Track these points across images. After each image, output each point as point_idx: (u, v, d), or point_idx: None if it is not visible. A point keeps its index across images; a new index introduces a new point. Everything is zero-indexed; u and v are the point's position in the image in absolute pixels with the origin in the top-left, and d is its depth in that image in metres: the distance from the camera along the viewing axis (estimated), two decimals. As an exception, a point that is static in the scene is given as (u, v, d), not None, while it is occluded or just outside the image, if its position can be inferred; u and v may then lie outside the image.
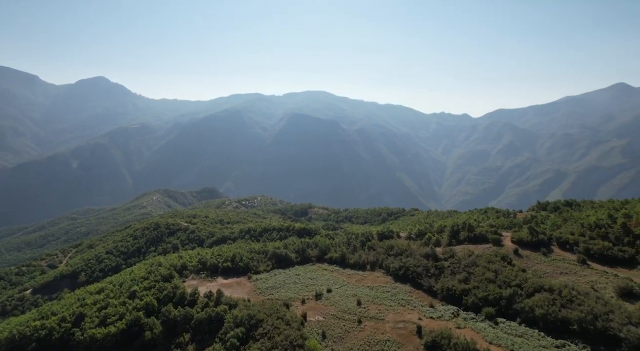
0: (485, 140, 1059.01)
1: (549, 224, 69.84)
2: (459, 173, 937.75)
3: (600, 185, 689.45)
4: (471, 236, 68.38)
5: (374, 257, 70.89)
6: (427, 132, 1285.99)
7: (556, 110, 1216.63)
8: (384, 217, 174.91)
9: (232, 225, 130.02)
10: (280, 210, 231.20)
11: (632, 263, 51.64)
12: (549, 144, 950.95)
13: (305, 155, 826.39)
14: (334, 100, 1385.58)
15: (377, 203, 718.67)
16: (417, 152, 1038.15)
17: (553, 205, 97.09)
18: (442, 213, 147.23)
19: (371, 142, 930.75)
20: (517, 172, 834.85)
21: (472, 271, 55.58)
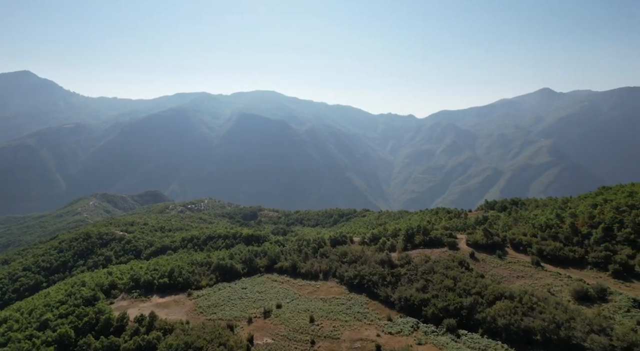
0: (430, 140, 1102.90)
1: (500, 225, 69.56)
2: (406, 172, 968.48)
3: (531, 182, 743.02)
4: (426, 240, 66.19)
5: (327, 265, 66.56)
6: (375, 132, 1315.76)
7: (493, 111, 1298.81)
8: (335, 218, 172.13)
9: (173, 232, 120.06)
10: (228, 214, 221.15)
11: (582, 263, 51.56)
12: (487, 144, 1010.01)
13: (255, 156, 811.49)
14: (283, 100, 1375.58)
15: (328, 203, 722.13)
16: (366, 151, 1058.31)
17: (500, 204, 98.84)
18: (393, 214, 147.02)
19: (321, 142, 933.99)
20: (460, 171, 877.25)
21: (430, 278, 52.90)
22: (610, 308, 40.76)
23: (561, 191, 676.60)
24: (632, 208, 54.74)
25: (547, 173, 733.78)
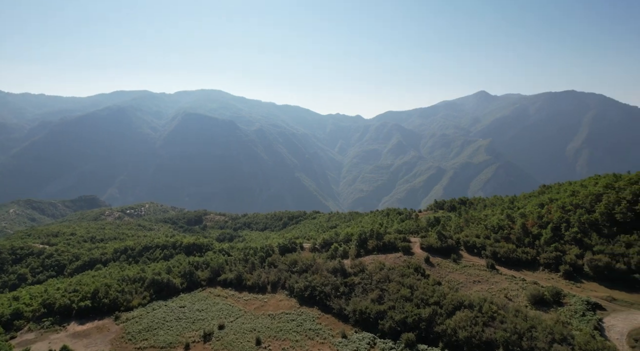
0: (377, 140, 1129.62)
1: (452, 226, 68.59)
2: (355, 171, 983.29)
3: (471, 180, 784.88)
4: (380, 245, 63.39)
5: (275, 275, 61.56)
6: (323, 133, 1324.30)
7: (436, 112, 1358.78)
8: (284, 221, 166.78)
9: (106, 243, 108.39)
10: (171, 219, 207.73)
11: (535, 264, 51.14)
12: (431, 143, 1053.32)
13: (201, 157, 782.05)
14: (230, 100, 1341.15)
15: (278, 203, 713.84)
16: (315, 151, 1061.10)
17: (449, 204, 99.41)
18: (343, 215, 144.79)
19: (270, 143, 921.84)
20: (406, 169, 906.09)
21: (385, 287, 49.77)
22: (566, 312, 39.80)
23: (498, 188, 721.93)
24: (577, 207, 55.46)
25: (485, 171, 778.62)
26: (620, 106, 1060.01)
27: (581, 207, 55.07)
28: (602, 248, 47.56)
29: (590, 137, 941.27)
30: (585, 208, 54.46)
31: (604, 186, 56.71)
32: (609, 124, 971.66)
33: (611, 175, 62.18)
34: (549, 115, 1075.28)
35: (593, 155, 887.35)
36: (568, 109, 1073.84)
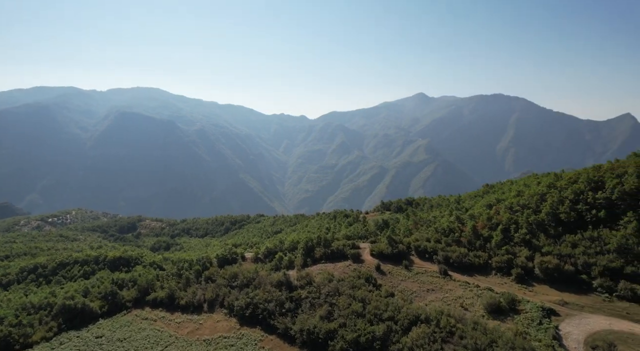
0: (321, 140, 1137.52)
1: (402, 229, 66.17)
2: (300, 171, 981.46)
3: (412, 178, 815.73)
4: (328, 253, 59.09)
5: (213, 292, 54.87)
6: (268, 133, 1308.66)
7: (377, 113, 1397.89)
8: (227, 226, 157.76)
9: (11, 260, 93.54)
10: (101, 227, 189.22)
11: (487, 268, 49.62)
12: (374, 143, 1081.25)
13: (138, 159, 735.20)
14: (169, 99, 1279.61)
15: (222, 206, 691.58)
16: (259, 152, 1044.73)
17: (396, 205, 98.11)
18: (289, 219, 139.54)
19: (212, 143, 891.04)
20: (350, 169, 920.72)
21: (335, 302, 45.39)
22: (523, 321, 37.95)
23: (437, 185, 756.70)
24: (524, 208, 55.16)
25: (425, 170, 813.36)
26: (539, 109, 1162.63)
27: (528, 207, 54.82)
28: (550, 250, 47.00)
29: (515, 137, 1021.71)
30: (531, 208, 54.24)
31: (546, 185, 57.09)
32: (530, 126, 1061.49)
33: (552, 174, 63.36)
34: (481, 116, 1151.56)
35: (518, 154, 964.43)
36: (497, 111, 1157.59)
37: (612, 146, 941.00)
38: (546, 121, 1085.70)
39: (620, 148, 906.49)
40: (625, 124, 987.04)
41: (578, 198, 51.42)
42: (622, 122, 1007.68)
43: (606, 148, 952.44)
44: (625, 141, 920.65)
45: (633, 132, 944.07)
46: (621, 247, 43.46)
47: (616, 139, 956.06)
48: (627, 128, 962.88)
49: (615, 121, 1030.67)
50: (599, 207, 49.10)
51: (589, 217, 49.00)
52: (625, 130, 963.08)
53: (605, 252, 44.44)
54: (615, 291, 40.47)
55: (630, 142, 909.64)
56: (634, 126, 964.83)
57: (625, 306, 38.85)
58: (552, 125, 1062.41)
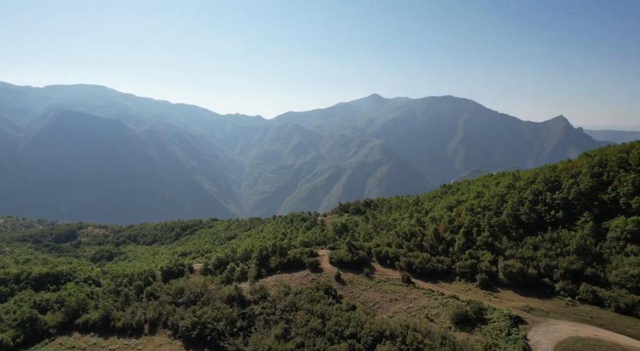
0: (278, 141, 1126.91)
1: (362, 234, 63.32)
2: (256, 172, 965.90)
3: (368, 178, 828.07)
4: (284, 262, 54.87)
5: (155, 310, 48.81)
6: (223, 133, 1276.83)
7: (334, 114, 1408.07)
8: (177, 232, 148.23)
9: None
10: (33, 236, 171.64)
11: (451, 274, 47.72)
12: (330, 144, 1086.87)
13: (82, 160, 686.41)
14: (116, 97, 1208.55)
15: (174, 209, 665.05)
16: (214, 153, 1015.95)
17: (354, 207, 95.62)
18: (244, 223, 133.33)
19: (164, 144, 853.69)
20: (307, 169, 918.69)
21: (292, 318, 41.33)
22: (491, 331, 35.96)
23: (392, 185, 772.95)
24: (485, 209, 54.12)
25: (380, 169, 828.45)
26: (486, 111, 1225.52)
27: (489, 209, 53.84)
28: (512, 253, 45.91)
29: (464, 137, 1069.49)
30: (492, 210, 53.29)
31: (506, 186, 56.55)
32: (478, 126, 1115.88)
33: (511, 174, 63.30)
34: (433, 117, 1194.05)
35: (467, 154, 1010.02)
36: (447, 112, 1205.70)
37: (549, 146, 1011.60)
38: (492, 122, 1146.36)
39: (555, 148, 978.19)
40: (559, 125, 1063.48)
41: (537, 199, 50.98)
42: (556, 123, 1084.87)
43: (544, 147, 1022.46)
44: (559, 141, 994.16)
45: (565, 132, 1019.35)
46: (580, 248, 43.05)
47: (552, 139, 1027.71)
48: (561, 129, 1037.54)
49: (551, 122, 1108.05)
50: (557, 208, 48.82)
51: (548, 217, 48.55)
52: (559, 131, 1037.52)
53: (565, 253, 43.88)
54: (577, 294, 39.73)
55: (563, 142, 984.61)
56: (567, 127, 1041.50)
57: (588, 309, 38.09)
58: (498, 126, 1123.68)
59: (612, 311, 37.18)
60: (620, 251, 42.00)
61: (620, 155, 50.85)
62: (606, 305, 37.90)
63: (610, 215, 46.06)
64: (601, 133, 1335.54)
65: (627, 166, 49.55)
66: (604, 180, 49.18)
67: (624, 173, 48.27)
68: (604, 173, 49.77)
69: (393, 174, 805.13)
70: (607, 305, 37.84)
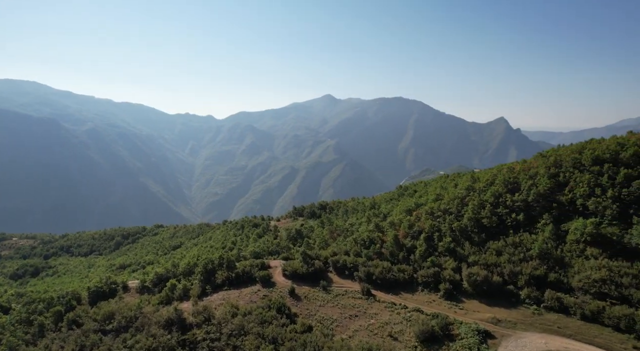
0: (230, 141, 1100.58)
1: (317, 241, 59.16)
2: (208, 174, 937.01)
3: (322, 177, 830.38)
4: (232, 277, 49.38)
5: (77, 342, 41.55)
6: (172, 133, 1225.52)
7: (287, 114, 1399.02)
8: (118, 241, 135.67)
9: None
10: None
11: (413, 284, 44.74)
12: (284, 144, 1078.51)
13: (8, 163, 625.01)
14: (51, 94, 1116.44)
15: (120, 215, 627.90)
16: (163, 154, 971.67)
17: (309, 210, 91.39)
18: (191, 229, 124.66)
19: (107, 145, 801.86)
20: (260, 170, 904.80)
21: (240, 345, 36.16)
22: (459, 349, 32.99)
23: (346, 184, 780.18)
24: (446, 213, 51.91)
25: (334, 169, 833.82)
26: (434, 112, 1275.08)
27: (449, 212, 51.68)
28: (476, 259, 43.77)
29: (414, 137, 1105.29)
30: (453, 213, 51.16)
31: (465, 188, 54.81)
32: (427, 127, 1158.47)
33: (469, 175, 61.94)
34: (384, 118, 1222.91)
35: (417, 153, 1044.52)
36: (398, 113, 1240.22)
37: (492, 146, 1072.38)
38: (440, 123, 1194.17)
39: (497, 148, 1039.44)
40: (500, 126, 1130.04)
41: (497, 201, 49.47)
42: (498, 124, 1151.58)
43: (488, 147, 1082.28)
44: (501, 141, 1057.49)
45: (506, 133, 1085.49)
46: (542, 252, 41.63)
47: (494, 139, 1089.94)
48: (502, 130, 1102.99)
49: (493, 123, 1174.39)
50: (518, 210, 47.49)
51: (509, 220, 47.03)
52: (501, 131, 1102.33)
53: (528, 258, 42.30)
54: (543, 301, 38.02)
55: (504, 142, 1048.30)
56: (507, 128, 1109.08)
57: (555, 318, 36.37)
58: (445, 127, 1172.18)
59: (578, 319, 35.68)
60: (581, 254, 41.03)
61: (574, 156, 50.65)
62: (572, 312, 36.38)
63: (568, 216, 45.30)
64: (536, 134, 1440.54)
65: (581, 166, 49.35)
66: (560, 181, 48.60)
67: (579, 174, 47.93)
68: (560, 174, 49.24)
69: (347, 174, 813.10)
70: (572, 312, 36.33)
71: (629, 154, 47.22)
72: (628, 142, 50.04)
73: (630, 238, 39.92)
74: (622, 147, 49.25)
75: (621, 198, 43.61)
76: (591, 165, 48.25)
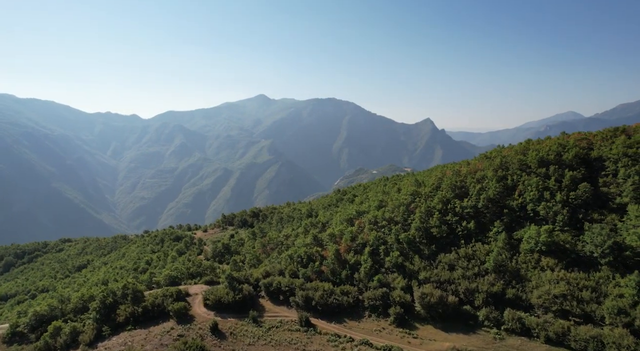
0: (158, 142, 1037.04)
1: (248, 257, 50.92)
2: (134, 177, 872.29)
3: (257, 179, 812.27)
4: (139, 312, 39.34)
5: None
6: (91, 134, 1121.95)
7: (219, 114, 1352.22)
8: (8, 261, 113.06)
9: None
10: None
11: (359, 309, 38.70)
12: (216, 145, 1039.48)
13: None
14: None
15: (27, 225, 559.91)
16: (80, 156, 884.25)
17: (240, 218, 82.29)
18: (105, 243, 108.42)
19: (8, 146, 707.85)
20: (192, 172, 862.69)
21: None
22: (420, 396, 27.12)
23: (281, 185, 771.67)
24: (391, 223, 46.62)
25: (269, 170, 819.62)
26: (366, 113, 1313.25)
27: (395, 221, 46.48)
28: (427, 275, 38.80)
29: (348, 137, 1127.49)
30: (399, 223, 46.03)
31: (410, 193, 50.07)
32: (359, 127, 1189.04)
33: (412, 179, 57.48)
34: (318, 118, 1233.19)
35: (351, 153, 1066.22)
36: (332, 114, 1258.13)
37: (420, 145, 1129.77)
38: (371, 123, 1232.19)
39: (425, 147, 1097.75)
40: (427, 127, 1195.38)
41: (446, 208, 45.18)
42: (425, 125, 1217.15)
43: (416, 146, 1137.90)
44: (428, 141, 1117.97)
45: (432, 134, 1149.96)
46: (498, 264, 37.75)
47: (422, 139, 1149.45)
48: (429, 131, 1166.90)
49: (420, 124, 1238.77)
50: (468, 217, 43.54)
51: (459, 229, 42.86)
52: (427, 132, 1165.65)
53: (483, 272, 38.20)
54: (503, 323, 33.83)
55: (431, 142, 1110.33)
56: (433, 129, 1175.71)
57: (518, 343, 32.20)
58: (377, 127, 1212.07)
59: (542, 342, 31.80)
60: (536, 265, 37.76)
61: (519, 157, 48.16)
62: (535, 335, 32.50)
63: (519, 223, 42.22)
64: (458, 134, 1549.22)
65: (528, 169, 46.93)
66: (508, 185, 45.62)
67: (526, 177, 45.31)
68: (508, 177, 46.30)
69: (282, 174, 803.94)
70: (535, 335, 32.46)
71: (571, 155, 45.59)
72: (568, 143, 48.69)
73: (584, 245, 37.49)
74: (563, 148, 47.69)
75: (569, 202, 41.44)
76: (537, 167, 45.92)
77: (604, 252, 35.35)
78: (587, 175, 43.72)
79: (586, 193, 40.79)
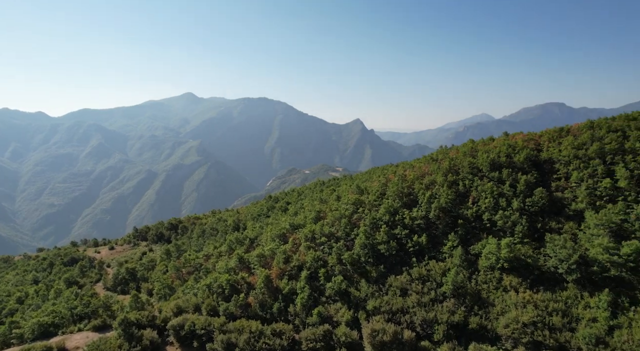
0: (71, 142, 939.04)
1: (157, 286, 40.34)
2: (40, 182, 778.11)
3: (185, 180, 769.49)
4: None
5: None
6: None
7: (142, 113, 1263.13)
8: None
9: None
10: None
11: (296, 354, 30.36)
12: (139, 145, 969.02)
13: None
14: None
15: None
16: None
17: (155, 232, 69.82)
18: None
19: None
20: (111, 175, 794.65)
21: None
22: None
23: (211, 186, 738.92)
24: (331, 238, 39.23)
25: (198, 171, 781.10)
26: (297, 113, 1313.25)
27: (336, 237, 39.20)
28: (377, 304, 31.98)
29: (280, 137, 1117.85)
30: (341, 239, 38.81)
31: (352, 202, 43.20)
32: (291, 127, 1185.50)
33: (352, 185, 50.71)
34: (249, 118, 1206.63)
35: (283, 153, 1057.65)
36: (263, 114, 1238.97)
37: (350, 145, 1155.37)
38: (303, 123, 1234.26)
39: (355, 147, 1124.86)
40: (357, 127, 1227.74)
41: (394, 219, 38.95)
42: (355, 125, 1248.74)
43: (347, 146, 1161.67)
44: (358, 141, 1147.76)
45: (362, 133, 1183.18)
46: (456, 287, 32.18)
47: (352, 139, 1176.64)
48: (358, 131, 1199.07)
49: (351, 124, 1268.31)
50: (419, 230, 37.73)
51: (410, 245, 36.81)
52: (357, 132, 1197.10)
53: (441, 297, 32.34)
54: (468, 361, 28.16)
55: (361, 141, 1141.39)
56: (362, 129, 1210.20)
57: (489, 386, 26.72)
58: (308, 127, 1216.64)
59: (516, 384, 26.55)
60: (498, 285, 32.77)
61: (469, 160, 43.68)
62: (507, 374, 27.21)
63: (475, 235, 37.27)
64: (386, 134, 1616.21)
65: (479, 173, 42.56)
66: (460, 191, 40.73)
67: (479, 182, 40.78)
68: (459, 182, 41.46)
69: (212, 176, 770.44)
70: (508, 374, 27.17)
71: (522, 157, 41.99)
72: (517, 144, 45.35)
73: (546, 260, 33.38)
74: (513, 149, 44.18)
75: (526, 209, 37.49)
76: (489, 170, 41.65)
77: (570, 267, 31.24)
78: (539, 179, 40.32)
79: (542, 200, 37.02)
